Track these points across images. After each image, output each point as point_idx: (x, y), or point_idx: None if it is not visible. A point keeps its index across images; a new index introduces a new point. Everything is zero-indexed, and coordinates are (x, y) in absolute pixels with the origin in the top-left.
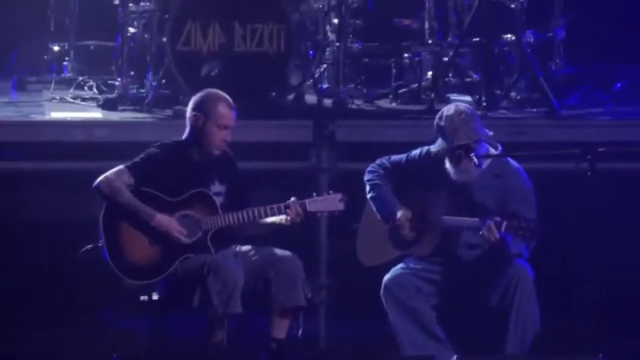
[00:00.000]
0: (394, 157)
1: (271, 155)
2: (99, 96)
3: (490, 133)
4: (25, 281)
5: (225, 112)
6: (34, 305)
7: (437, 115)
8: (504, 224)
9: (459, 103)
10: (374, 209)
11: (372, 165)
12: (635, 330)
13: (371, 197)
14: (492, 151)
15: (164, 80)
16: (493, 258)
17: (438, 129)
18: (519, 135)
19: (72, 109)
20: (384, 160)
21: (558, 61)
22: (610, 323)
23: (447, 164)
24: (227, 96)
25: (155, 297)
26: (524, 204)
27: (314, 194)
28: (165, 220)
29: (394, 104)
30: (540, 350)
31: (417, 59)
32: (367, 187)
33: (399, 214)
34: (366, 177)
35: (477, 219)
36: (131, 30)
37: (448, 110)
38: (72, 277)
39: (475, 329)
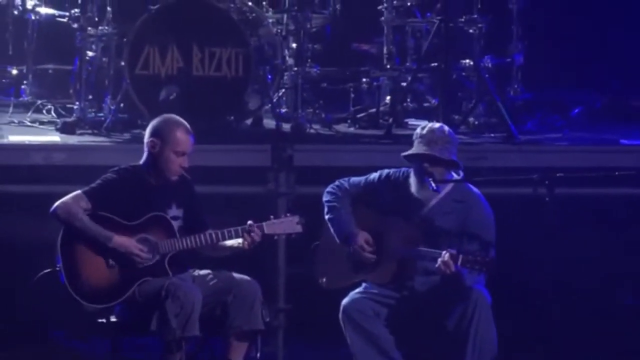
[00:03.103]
0: (354, 179)
1: (229, 180)
2: (57, 120)
3: (459, 176)
4: None
5: (182, 138)
6: None
7: (420, 126)
8: (460, 257)
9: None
10: (332, 230)
11: (331, 186)
12: (595, 354)
13: (329, 219)
14: (454, 176)
15: (122, 104)
16: (450, 285)
17: (417, 137)
18: (476, 160)
19: (30, 133)
20: (343, 181)
21: (516, 87)
22: (570, 347)
23: (412, 177)
24: (184, 122)
25: (113, 319)
26: (483, 230)
27: (272, 217)
28: (124, 241)
29: (352, 129)
30: None
31: (375, 83)
32: (326, 209)
33: (359, 237)
34: (325, 197)
35: (435, 251)
36: (89, 54)
37: (434, 124)
38: (29, 300)
39: (434, 354)
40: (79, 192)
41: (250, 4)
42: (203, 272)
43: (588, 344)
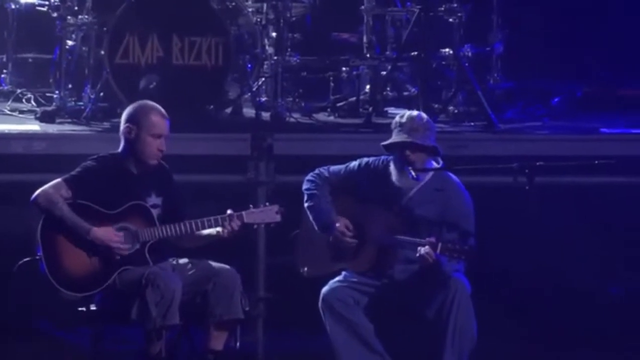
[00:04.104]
0: (333, 168)
1: (209, 169)
2: (37, 109)
3: (439, 164)
4: None
5: (157, 121)
6: None
7: (399, 115)
8: (439, 245)
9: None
10: (311, 218)
11: (311, 174)
12: (578, 344)
13: (308, 207)
14: (434, 164)
15: (102, 93)
16: (429, 273)
17: (396, 126)
18: (456, 149)
19: (10, 122)
20: (323, 170)
21: (496, 75)
22: (550, 335)
23: (392, 166)
24: (159, 106)
25: (93, 308)
26: (463, 219)
27: (251, 206)
28: (102, 233)
29: (331, 118)
30: None
31: (355, 72)
32: (305, 197)
33: (339, 223)
34: (304, 185)
35: (414, 239)
36: (69, 43)
37: (412, 112)
38: (10, 289)
39: (414, 342)
40: (59, 180)
41: None
42: (182, 261)
43: (568, 331)
